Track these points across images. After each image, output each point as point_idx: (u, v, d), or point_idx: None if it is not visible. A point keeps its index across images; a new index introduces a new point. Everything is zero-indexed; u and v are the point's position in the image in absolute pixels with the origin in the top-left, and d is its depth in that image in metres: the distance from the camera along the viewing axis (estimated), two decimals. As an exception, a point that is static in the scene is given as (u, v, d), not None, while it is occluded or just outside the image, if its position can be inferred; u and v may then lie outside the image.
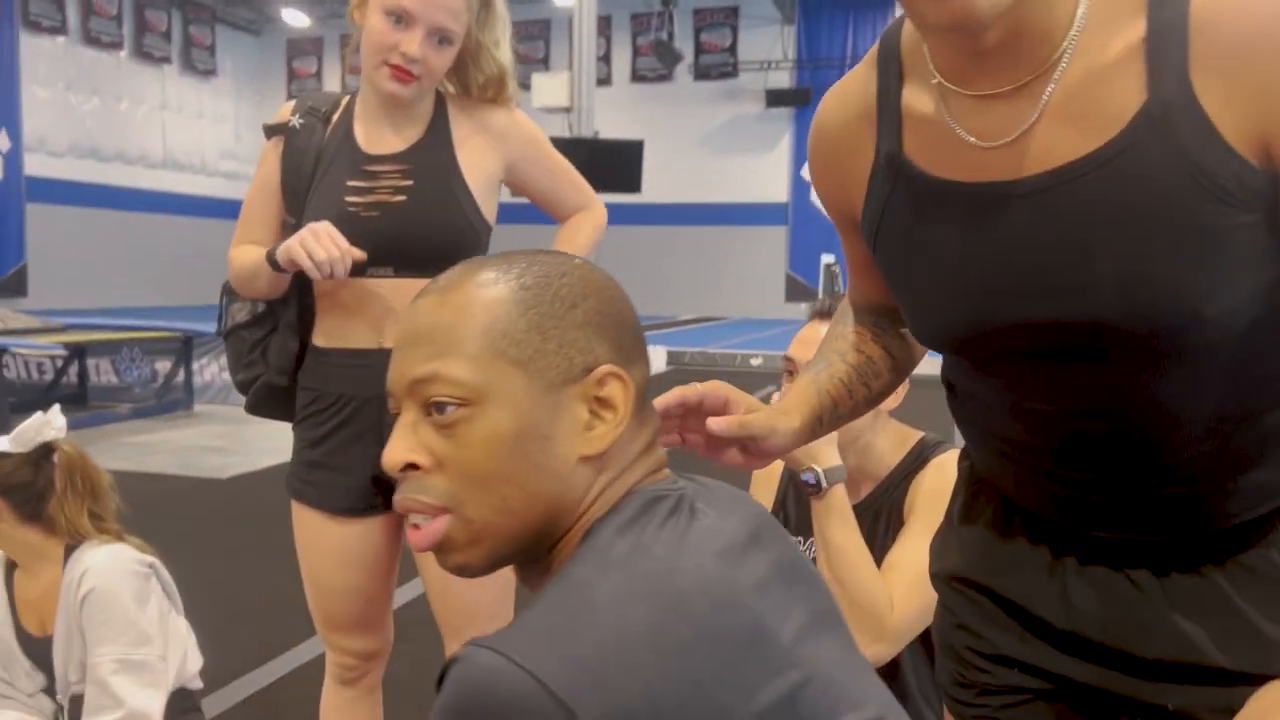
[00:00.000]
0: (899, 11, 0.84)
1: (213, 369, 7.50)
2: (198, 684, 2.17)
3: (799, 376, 1.06)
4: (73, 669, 2.00)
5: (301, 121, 1.64)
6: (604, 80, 17.37)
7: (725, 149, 18.29)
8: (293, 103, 1.70)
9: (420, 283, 1.55)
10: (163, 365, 7.36)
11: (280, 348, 1.68)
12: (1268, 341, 0.83)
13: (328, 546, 1.67)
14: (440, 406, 0.72)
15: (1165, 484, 0.89)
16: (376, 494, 1.64)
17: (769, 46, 17.24)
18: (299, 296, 1.67)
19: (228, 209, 18.80)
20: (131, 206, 17.19)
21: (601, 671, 0.62)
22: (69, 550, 2.00)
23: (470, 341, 0.73)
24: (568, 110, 11.01)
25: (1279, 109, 0.74)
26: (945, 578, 1.07)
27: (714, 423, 0.95)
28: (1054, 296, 0.82)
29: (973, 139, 0.83)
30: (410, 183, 1.58)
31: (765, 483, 1.76)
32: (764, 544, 0.75)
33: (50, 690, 2.08)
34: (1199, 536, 0.91)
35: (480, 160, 1.63)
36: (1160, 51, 0.76)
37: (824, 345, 1.08)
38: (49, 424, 2.03)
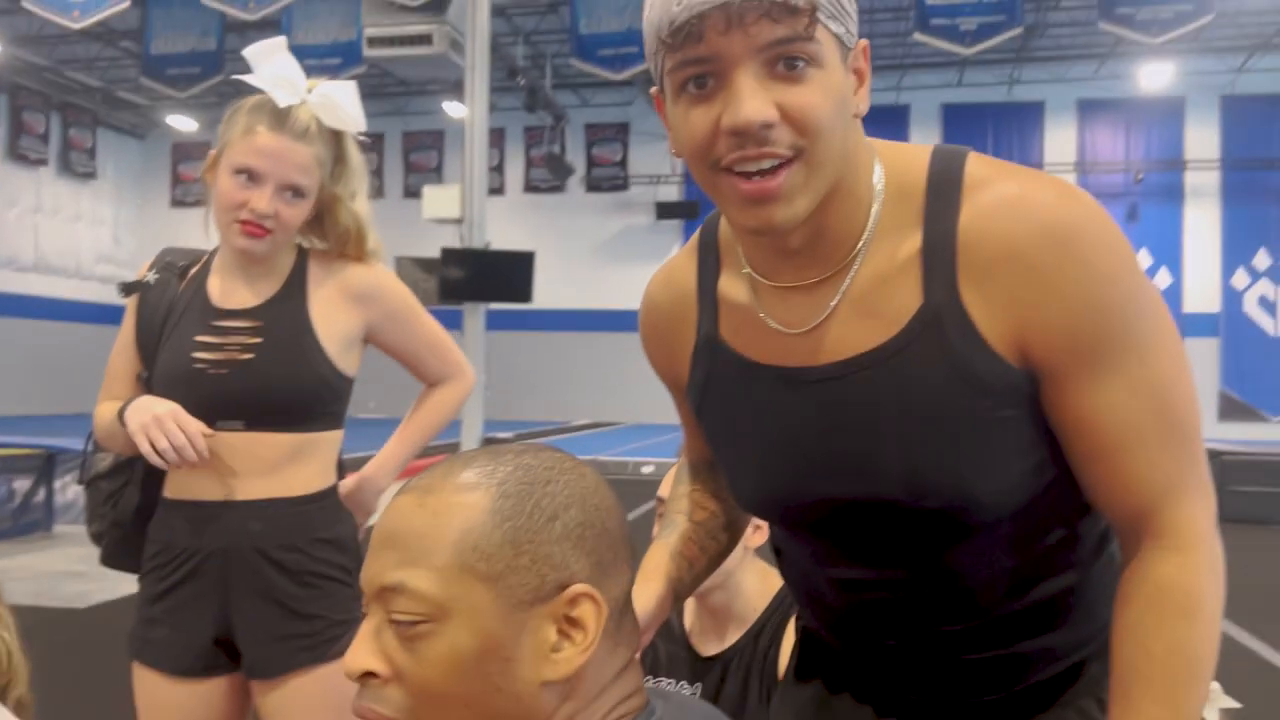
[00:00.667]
0: None
1: (75, 488, 7.12)
2: None
3: (654, 543, 1.08)
4: None
5: (156, 277, 1.63)
6: (497, 190, 17.59)
7: (617, 258, 18.63)
8: (153, 258, 1.68)
9: (273, 436, 1.56)
10: (21, 484, 6.96)
11: (126, 498, 1.62)
12: (1040, 519, 0.91)
13: (165, 709, 1.59)
14: (402, 618, 0.70)
15: (964, 649, 0.95)
16: (219, 653, 1.57)
17: (658, 161, 17.77)
18: None
19: (105, 314, 18.18)
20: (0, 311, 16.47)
21: None
22: None
23: (439, 554, 0.70)
24: (459, 221, 11.08)
25: (1028, 319, 0.83)
26: None
27: None
28: (847, 477, 0.88)
29: (778, 326, 0.90)
30: (259, 340, 1.55)
31: None
32: None
33: None
34: (1004, 697, 0.96)
35: (336, 318, 1.61)
36: (933, 261, 0.84)
37: (669, 509, 1.12)
38: None
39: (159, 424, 1.46)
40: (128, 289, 1.64)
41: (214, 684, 1.58)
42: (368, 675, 0.71)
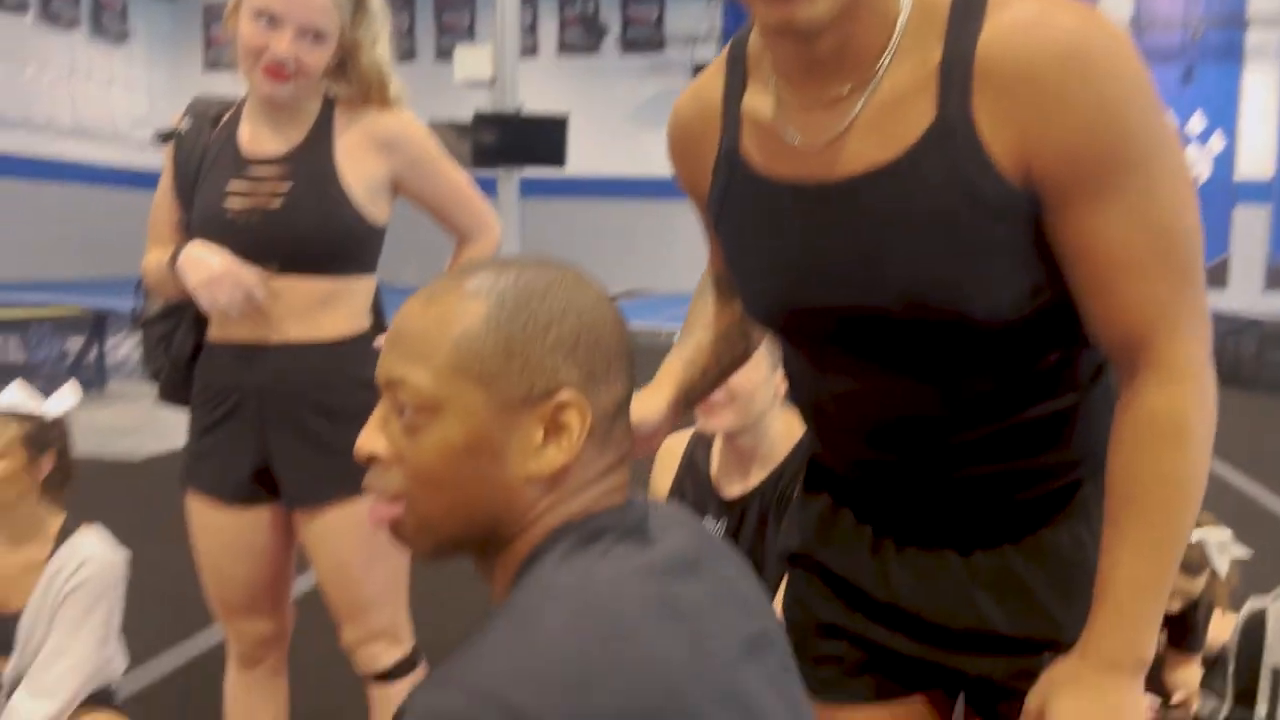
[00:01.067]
0: None
1: (126, 346, 7.34)
2: (117, 681, 2.22)
3: (669, 355, 1.15)
4: (28, 654, 2.03)
5: (189, 124, 1.67)
6: (530, 51, 17.20)
7: (653, 123, 18.29)
8: (186, 106, 1.72)
9: (305, 281, 1.62)
10: (74, 343, 7.19)
11: (180, 341, 1.71)
12: (1036, 340, 0.94)
13: (216, 533, 1.71)
14: (404, 408, 0.77)
15: (960, 464, 1.00)
16: (261, 485, 1.67)
17: (695, 21, 17.23)
18: None
19: (142, 179, 18.22)
20: (39, 176, 16.60)
21: (566, 697, 0.66)
22: (64, 533, 2.04)
23: (438, 354, 0.76)
24: (490, 83, 10.90)
25: (1036, 139, 0.84)
26: (785, 556, 1.18)
27: None
28: (850, 286, 0.93)
29: (797, 140, 0.94)
30: (288, 186, 1.60)
31: (667, 463, 1.84)
32: (703, 568, 0.79)
33: None
34: (996, 517, 1.02)
35: (362, 166, 1.65)
36: (949, 78, 0.86)
37: (688, 323, 1.18)
38: (69, 395, 2.10)
39: (219, 282, 1.53)
40: (164, 137, 1.70)
41: (258, 512, 1.70)
42: (374, 458, 0.79)
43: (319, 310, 1.63)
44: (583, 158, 12.03)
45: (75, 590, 2.04)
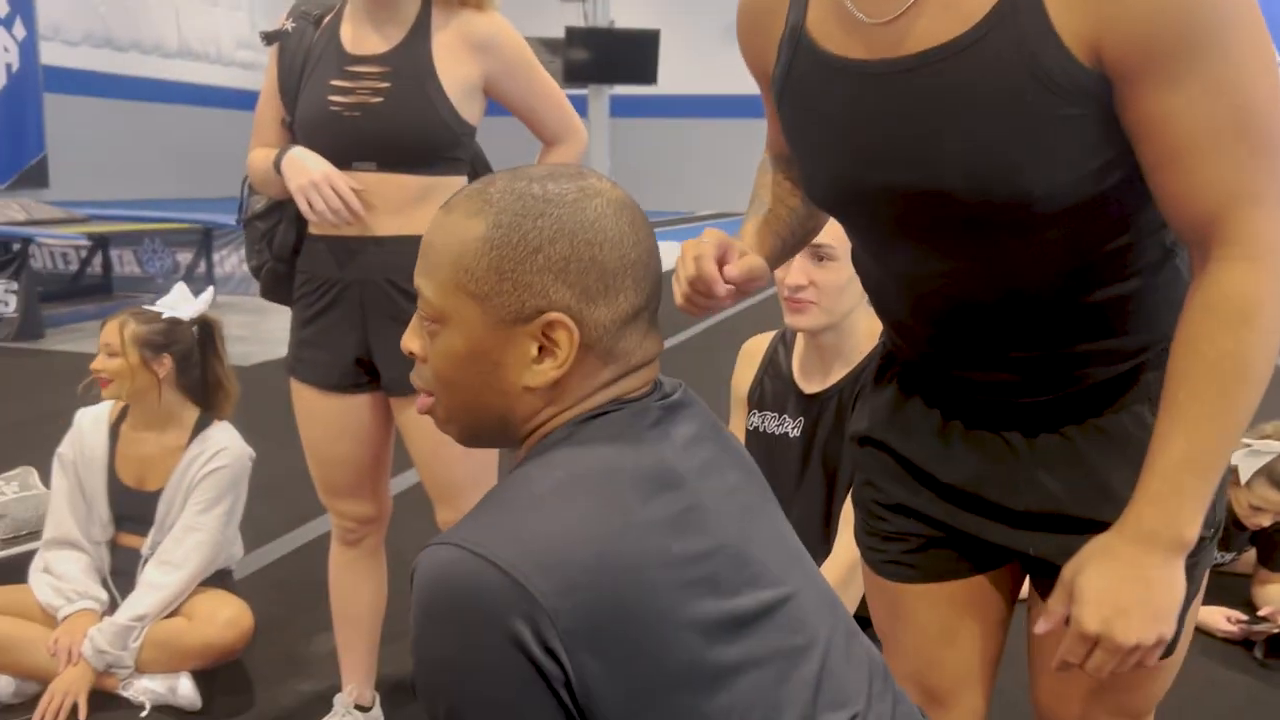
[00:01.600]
0: None
1: (233, 260, 7.63)
2: (234, 565, 2.41)
3: (748, 214, 1.16)
4: (164, 531, 2.24)
5: (293, 25, 1.74)
6: (623, -34, 16.90)
7: (746, 39, 17.86)
8: (290, 7, 1.78)
9: (402, 177, 1.70)
10: (184, 256, 7.49)
11: (281, 236, 1.80)
12: (1099, 222, 0.93)
13: (320, 419, 1.82)
14: (424, 316, 0.86)
15: (1026, 345, 1.01)
16: (361, 372, 1.77)
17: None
18: None
19: (245, 99, 18.60)
20: (148, 97, 17.09)
21: (547, 553, 0.73)
22: (200, 424, 2.23)
23: (441, 269, 0.83)
24: (583, -1, 10.81)
25: (1108, 18, 0.82)
26: (856, 438, 1.21)
27: (732, 274, 1.02)
28: (911, 167, 0.92)
29: (863, 16, 0.92)
30: (388, 85, 1.66)
31: (748, 362, 1.87)
32: (704, 439, 0.86)
33: (112, 541, 2.31)
34: (1059, 399, 1.03)
35: (458, 67, 1.69)
36: None
37: (758, 190, 1.18)
38: (206, 298, 2.29)
39: (316, 188, 1.62)
40: (269, 38, 1.77)
41: (359, 399, 1.80)
42: (413, 354, 0.88)
43: (415, 205, 1.70)
44: (673, 75, 11.87)
45: (209, 475, 2.21)
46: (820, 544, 1.70)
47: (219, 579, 2.33)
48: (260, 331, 6.56)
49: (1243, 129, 0.83)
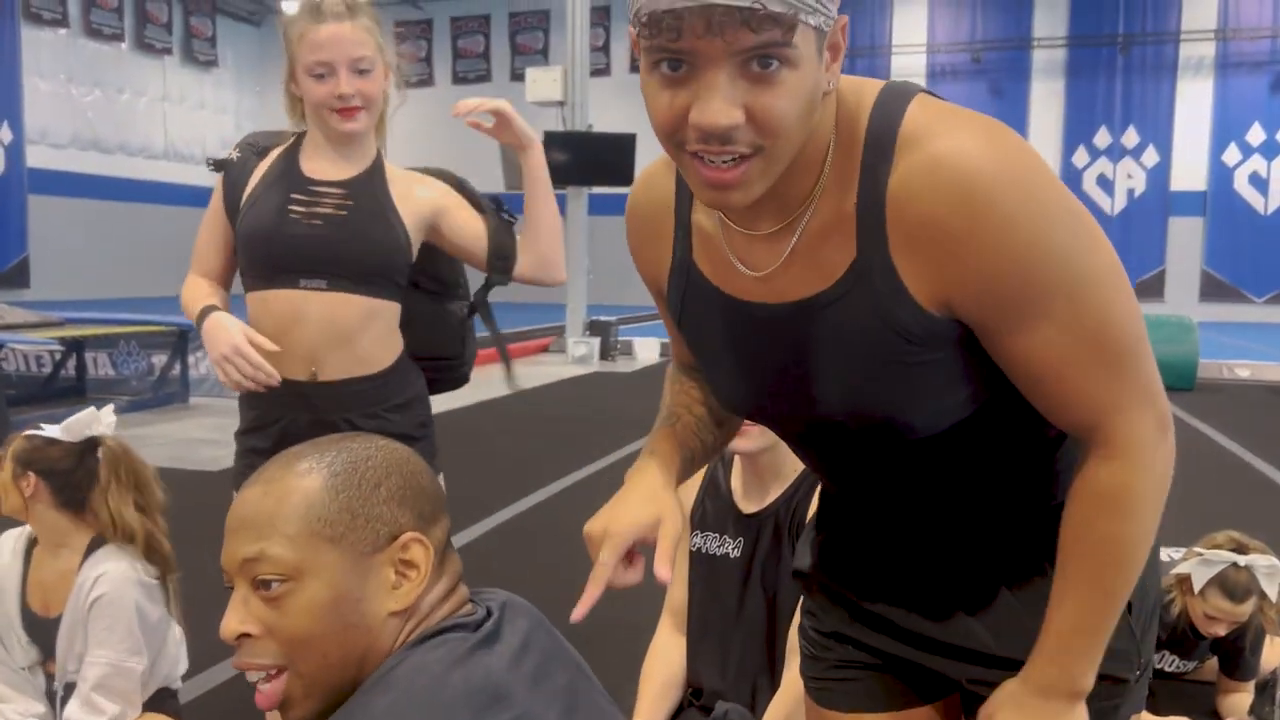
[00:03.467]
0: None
1: (207, 362, 7.63)
2: (178, 684, 2.33)
3: (657, 424, 1.17)
4: (72, 659, 2.17)
5: (238, 155, 1.82)
6: (602, 70, 17.40)
7: (723, 139, 18.33)
8: (240, 141, 1.86)
9: (348, 297, 1.73)
10: (159, 358, 7.49)
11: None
12: (985, 430, 1.00)
13: None
14: (266, 583, 0.86)
15: (936, 516, 1.07)
16: None
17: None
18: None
19: (229, 199, 18.86)
20: (134, 197, 17.33)
21: None
22: (92, 547, 2.16)
23: (290, 524, 0.86)
24: (561, 104, 11.09)
25: (952, 280, 0.88)
26: (798, 574, 1.23)
27: (664, 572, 0.97)
28: (799, 400, 0.99)
29: (740, 266, 0.98)
30: (351, 203, 1.74)
31: (691, 481, 1.88)
32: (531, 648, 0.90)
33: (43, 664, 2.24)
34: (980, 550, 1.07)
35: (409, 204, 1.79)
36: (866, 219, 0.90)
37: (666, 400, 1.19)
38: (99, 420, 2.21)
39: (230, 361, 1.67)
40: (217, 166, 1.84)
41: None
42: (243, 636, 0.88)
43: (360, 334, 1.74)
44: (651, 175, 12.14)
45: (92, 605, 2.13)
46: (763, 670, 1.69)
47: (159, 701, 2.27)
48: (232, 434, 6.52)
49: (1100, 353, 0.90)
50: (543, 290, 2.09)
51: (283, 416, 1.76)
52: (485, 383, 1.92)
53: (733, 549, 1.75)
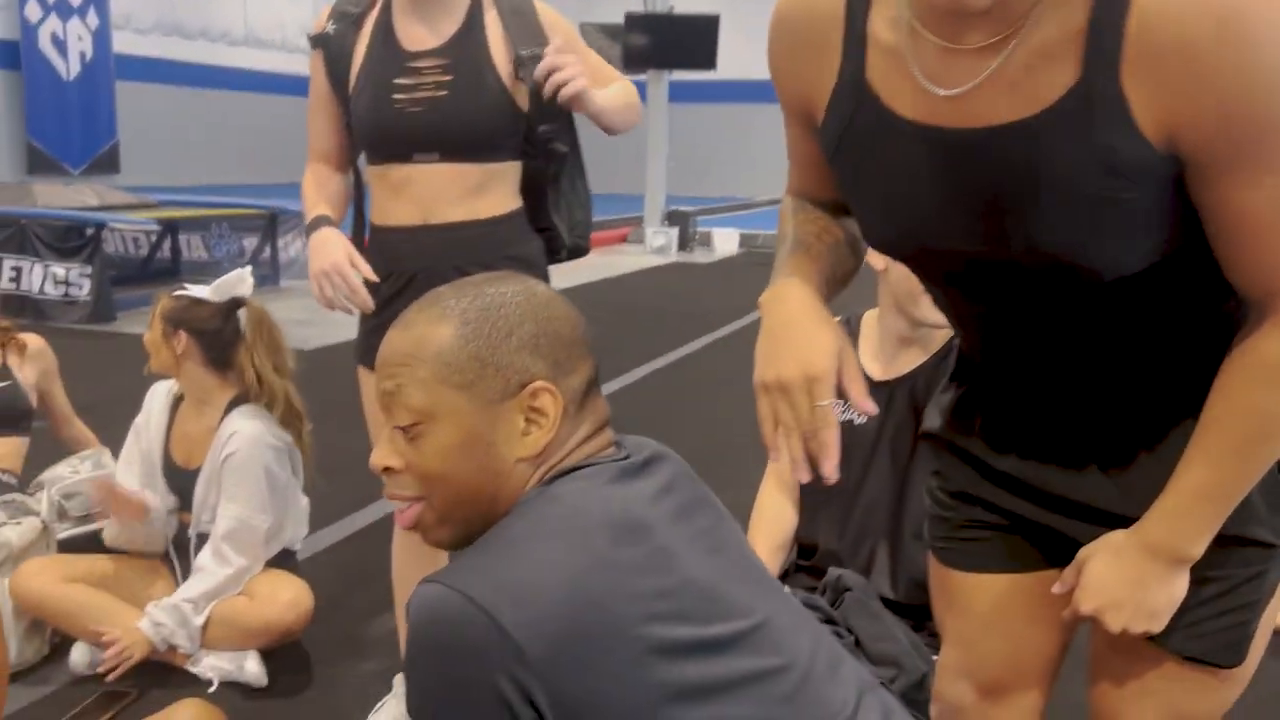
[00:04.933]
0: None
1: (297, 245, 7.74)
2: (298, 546, 2.44)
3: (786, 252, 1.10)
4: (205, 510, 2.29)
5: (334, 28, 1.75)
6: (683, -49, 16.79)
7: (807, 24, 17.65)
8: (328, 7, 1.80)
9: (463, 166, 1.71)
10: (250, 241, 7.63)
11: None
12: (1164, 282, 0.94)
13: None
14: (404, 422, 0.91)
15: (1079, 375, 1.02)
16: None
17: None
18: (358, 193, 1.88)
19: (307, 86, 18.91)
20: (215, 84, 17.44)
21: (518, 591, 0.80)
22: (231, 406, 2.26)
23: (421, 369, 0.90)
24: (643, -16, 10.77)
25: (1188, 109, 0.82)
26: (927, 434, 1.21)
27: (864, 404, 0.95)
28: (976, 236, 0.93)
29: (928, 84, 0.90)
30: (450, 77, 1.68)
31: None
32: (673, 490, 0.92)
33: (179, 513, 2.37)
34: (1119, 411, 1.03)
35: (511, 55, 1.70)
36: (1098, 38, 0.83)
37: (795, 228, 1.12)
38: (243, 281, 2.29)
39: (328, 277, 1.68)
40: (315, 41, 1.79)
41: None
42: (387, 470, 0.93)
43: (475, 194, 1.73)
44: (732, 61, 11.80)
45: (225, 462, 2.24)
46: (884, 537, 1.68)
47: (281, 559, 2.38)
48: (322, 315, 6.61)
49: None
50: (621, 180, 2.03)
51: (396, 267, 1.77)
52: (561, 272, 1.88)
53: (856, 415, 1.72)
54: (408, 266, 1.76)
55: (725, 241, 11.47)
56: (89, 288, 6.18)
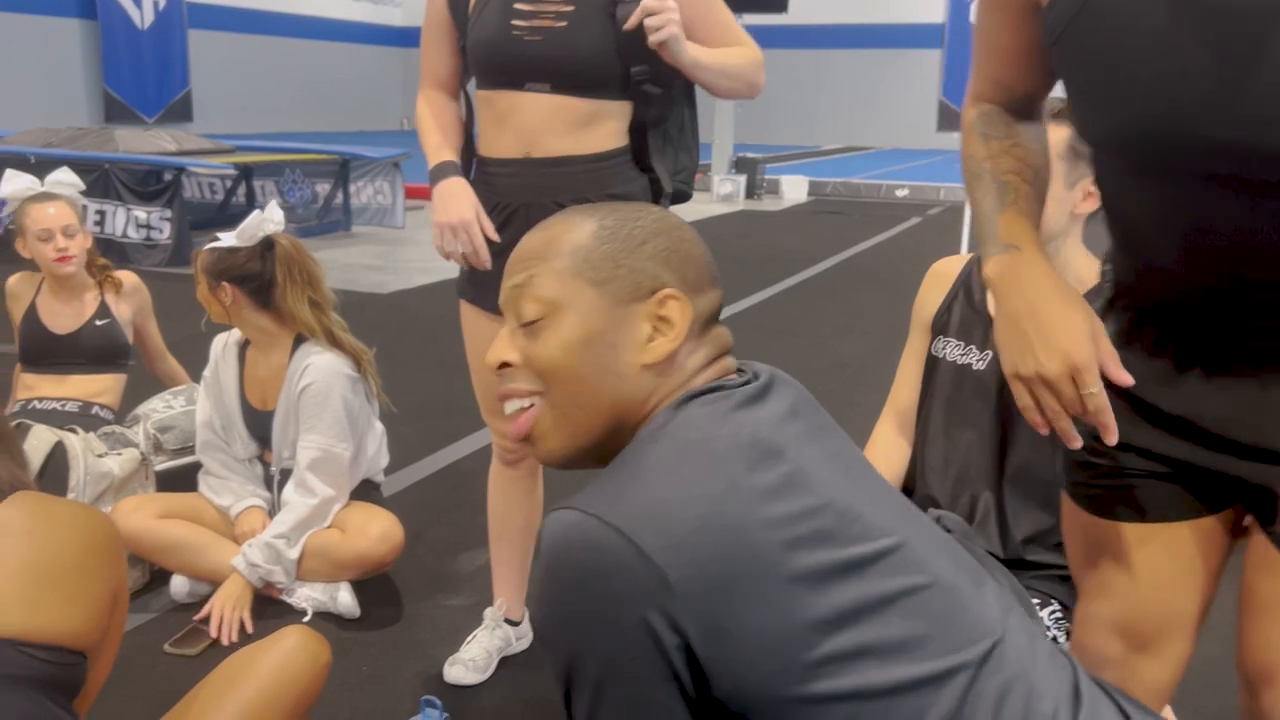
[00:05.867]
0: None
1: (368, 191, 7.80)
2: (381, 478, 2.47)
3: (992, 204, 1.03)
4: (286, 447, 2.32)
5: None
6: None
7: (879, -34, 17.21)
8: None
9: (573, 100, 1.67)
10: (322, 187, 7.69)
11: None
12: None
13: (486, 340, 1.84)
14: (529, 315, 0.90)
15: None
16: None
17: None
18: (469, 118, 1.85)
19: (376, 34, 18.95)
20: (287, 32, 17.54)
21: (656, 516, 0.78)
22: (297, 342, 2.28)
23: (557, 260, 0.91)
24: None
25: None
26: None
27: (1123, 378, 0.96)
28: (1249, 122, 0.81)
29: None
30: (570, 8, 1.65)
31: (935, 284, 1.77)
32: (799, 414, 0.89)
33: (261, 455, 2.41)
34: None
35: None
36: None
37: (993, 163, 1.05)
38: (269, 219, 2.30)
39: (454, 232, 1.68)
40: None
41: None
42: (504, 366, 0.92)
43: (584, 128, 1.70)
44: (804, 4, 11.52)
45: (302, 395, 2.27)
46: (989, 488, 1.62)
47: (365, 491, 2.41)
48: (395, 261, 6.72)
49: None
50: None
51: (499, 200, 1.75)
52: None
53: (977, 360, 1.65)
54: (511, 200, 1.74)
55: (794, 189, 11.30)
56: (169, 231, 6.29)
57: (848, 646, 0.77)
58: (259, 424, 2.37)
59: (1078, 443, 0.97)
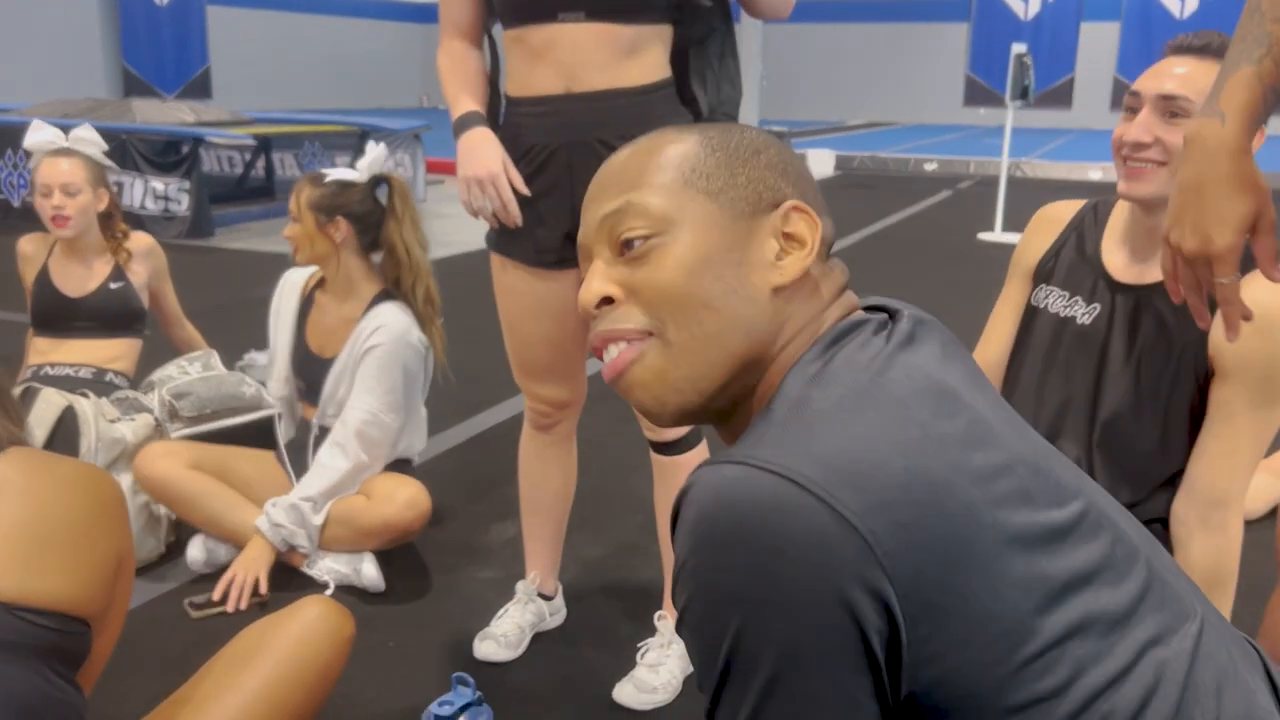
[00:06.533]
0: None
1: (389, 164, 7.68)
2: (415, 457, 2.36)
3: (1234, 57, 0.93)
4: (333, 405, 2.22)
5: None
6: None
7: (905, -63, 16.93)
8: None
9: (611, 27, 1.54)
10: (342, 159, 7.58)
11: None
12: None
13: (520, 296, 1.72)
14: (629, 242, 0.75)
15: None
16: (569, 248, 1.65)
17: None
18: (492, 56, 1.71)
19: (395, 10, 18.84)
20: (305, 8, 17.45)
21: (851, 469, 0.63)
22: (376, 300, 2.17)
23: (663, 174, 0.76)
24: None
25: None
26: None
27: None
28: None
29: None
30: None
31: (1044, 227, 1.61)
32: (952, 357, 0.75)
33: (296, 398, 2.34)
34: None
35: None
36: None
37: (1273, 7, 0.93)
38: (381, 156, 2.23)
39: (481, 185, 1.57)
40: None
41: (564, 276, 1.68)
42: (604, 303, 0.77)
43: (623, 58, 1.55)
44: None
45: (367, 353, 2.16)
46: (1078, 444, 1.47)
47: (397, 468, 2.30)
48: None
49: None
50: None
51: (536, 143, 1.62)
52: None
53: (1082, 314, 1.49)
54: (549, 140, 1.60)
55: (821, 163, 11.12)
56: (188, 203, 6.21)
57: (1060, 627, 0.64)
58: (311, 370, 2.27)
59: (1206, 322, 1.00)
